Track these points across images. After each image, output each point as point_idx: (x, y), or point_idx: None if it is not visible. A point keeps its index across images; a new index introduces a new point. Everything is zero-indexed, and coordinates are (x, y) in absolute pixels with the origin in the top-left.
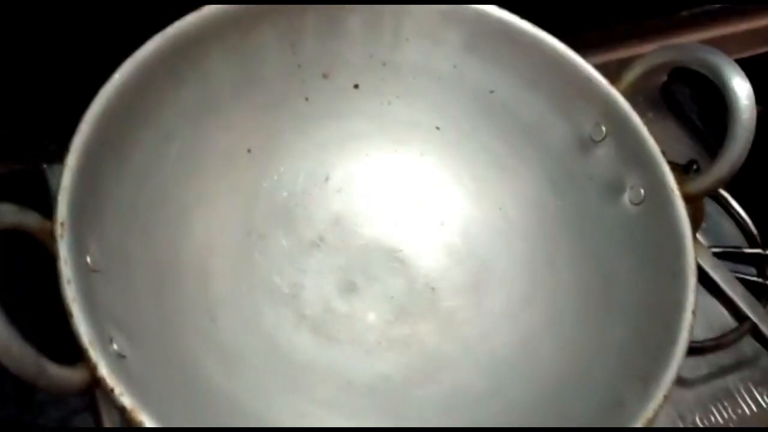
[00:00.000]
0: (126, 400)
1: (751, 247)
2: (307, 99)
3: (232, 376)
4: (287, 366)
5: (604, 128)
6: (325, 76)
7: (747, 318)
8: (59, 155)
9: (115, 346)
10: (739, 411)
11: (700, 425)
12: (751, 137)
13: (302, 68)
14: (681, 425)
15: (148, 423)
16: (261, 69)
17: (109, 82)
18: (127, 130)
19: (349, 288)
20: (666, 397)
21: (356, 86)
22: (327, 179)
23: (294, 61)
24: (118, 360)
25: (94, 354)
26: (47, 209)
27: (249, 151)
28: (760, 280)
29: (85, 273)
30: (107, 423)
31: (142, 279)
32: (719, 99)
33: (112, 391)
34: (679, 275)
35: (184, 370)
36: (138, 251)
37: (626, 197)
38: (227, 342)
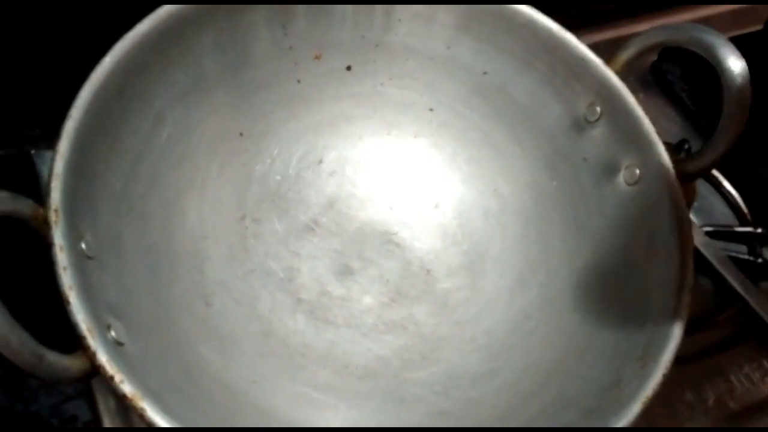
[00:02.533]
0: (126, 388)
1: (742, 225)
2: (299, 81)
3: (228, 360)
4: (283, 350)
5: (598, 109)
6: (317, 58)
7: (739, 296)
8: (45, 139)
9: (112, 333)
10: (731, 388)
11: (693, 402)
12: (746, 116)
13: (294, 50)
14: (675, 402)
15: (150, 410)
16: (252, 51)
17: (100, 65)
18: (119, 114)
19: (345, 271)
20: (665, 376)
21: (349, 68)
22: (320, 162)
23: (285, 42)
24: (116, 347)
25: (93, 342)
26: (36, 195)
27: (241, 134)
28: (751, 258)
29: (80, 260)
30: (103, 409)
31: (137, 265)
32: (709, 78)
33: (112, 378)
34: (675, 256)
35: (180, 355)
36: (132, 237)
37: (621, 177)
38: (222, 327)
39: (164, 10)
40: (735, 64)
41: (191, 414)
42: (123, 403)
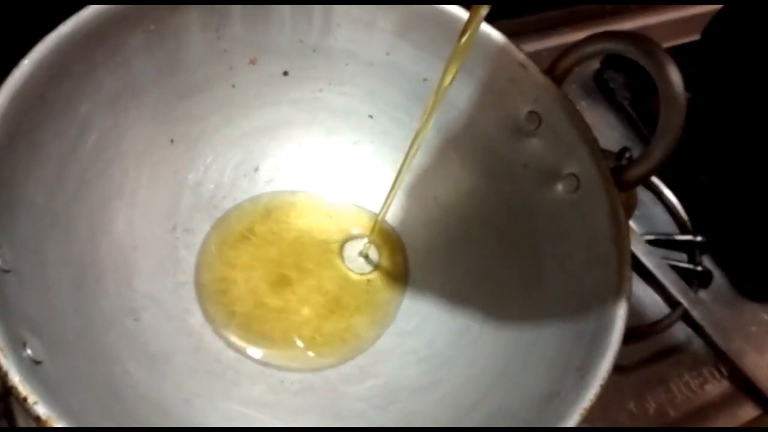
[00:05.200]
0: (40, 409)
1: (683, 233)
2: (234, 86)
3: (158, 378)
4: (216, 366)
5: (538, 117)
6: (252, 62)
7: (679, 304)
8: None
9: (29, 351)
10: (671, 396)
11: (635, 411)
12: (682, 124)
13: (228, 53)
14: (615, 411)
15: None
16: (184, 54)
17: (18, 69)
18: (40, 120)
19: (282, 282)
20: (602, 387)
21: (286, 73)
22: (257, 170)
23: (219, 46)
24: (32, 366)
25: (5, 361)
26: None
27: (172, 141)
28: (691, 266)
29: None
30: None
31: (60, 278)
32: (651, 86)
33: (25, 399)
34: (613, 264)
35: (107, 373)
36: (55, 249)
37: (561, 185)
38: (152, 343)
39: (89, 11)
40: (671, 73)
41: None
42: (38, 425)
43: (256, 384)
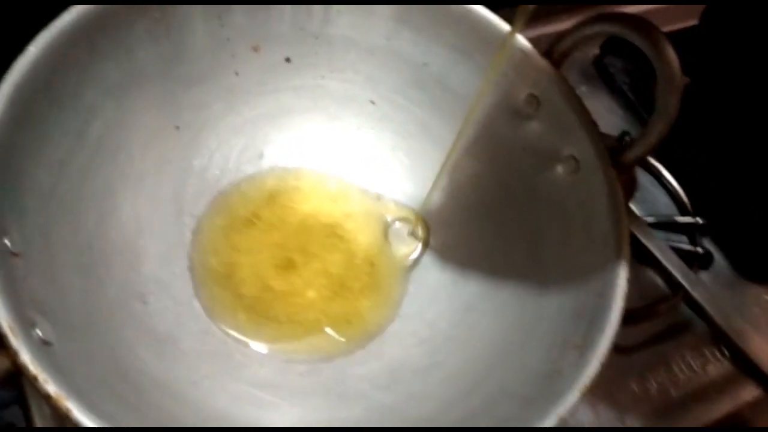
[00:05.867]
0: (50, 388)
1: (683, 215)
2: (237, 73)
3: (166, 361)
4: (223, 348)
5: (537, 100)
6: (255, 50)
7: (680, 285)
8: None
9: (38, 332)
10: (673, 376)
11: (637, 391)
12: (678, 105)
13: (231, 41)
14: (618, 392)
15: (75, 410)
16: (188, 43)
17: (23, 56)
18: (46, 107)
19: (287, 265)
20: (602, 365)
21: (288, 60)
22: (261, 156)
23: (222, 34)
24: (41, 346)
25: (15, 340)
26: None
27: (177, 128)
28: (691, 248)
29: (3, 256)
30: (36, 415)
31: (68, 262)
32: (650, 70)
33: (35, 378)
34: (612, 244)
35: (115, 355)
36: (63, 233)
37: (560, 167)
38: (159, 325)
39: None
40: (668, 55)
41: (126, 416)
42: (49, 404)
43: (263, 366)
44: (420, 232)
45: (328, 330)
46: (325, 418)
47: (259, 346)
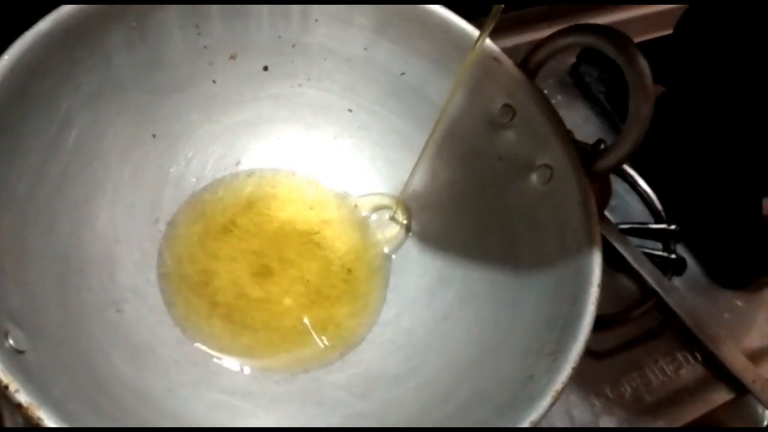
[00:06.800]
0: (22, 397)
1: (657, 222)
2: (214, 81)
3: (142, 369)
4: (199, 356)
5: (512, 109)
6: (232, 58)
7: (654, 291)
8: None
9: (10, 341)
10: (647, 381)
11: (611, 396)
12: (651, 115)
13: (209, 50)
14: (593, 396)
15: (47, 419)
16: (165, 51)
17: None
18: (21, 114)
19: (264, 273)
20: (574, 369)
21: (265, 68)
22: (238, 163)
23: (200, 42)
24: (14, 355)
25: None
26: None
27: (154, 136)
28: (665, 254)
29: None
30: (9, 423)
31: (43, 270)
32: (625, 80)
33: (6, 387)
34: (585, 251)
35: (90, 364)
36: (37, 241)
37: (535, 176)
38: (135, 334)
39: (67, 9)
40: (639, 65)
41: (101, 424)
42: (21, 414)
43: (239, 374)
44: (400, 216)
45: (305, 338)
46: (302, 426)
47: (234, 354)
